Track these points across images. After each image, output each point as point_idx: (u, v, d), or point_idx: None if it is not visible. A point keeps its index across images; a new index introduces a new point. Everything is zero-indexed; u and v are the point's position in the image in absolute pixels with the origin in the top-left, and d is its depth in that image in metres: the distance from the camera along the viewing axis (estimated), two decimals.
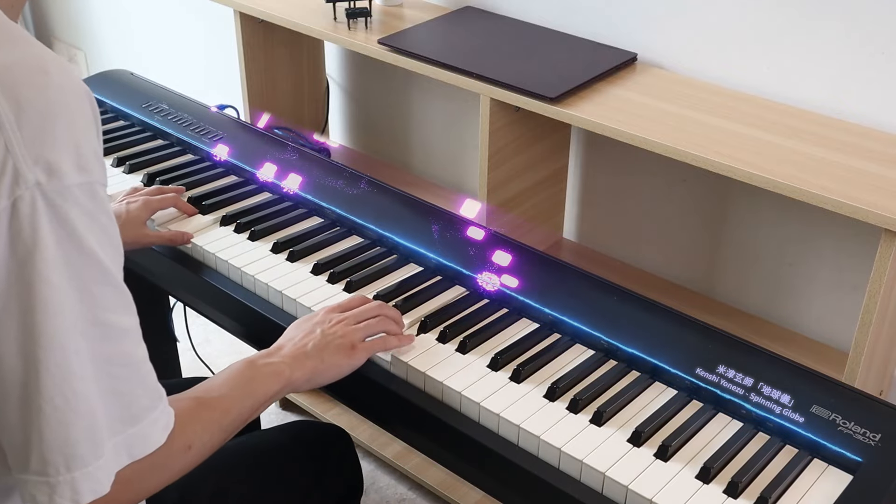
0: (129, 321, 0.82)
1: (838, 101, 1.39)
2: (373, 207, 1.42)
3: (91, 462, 0.79)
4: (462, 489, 1.93)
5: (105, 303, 0.78)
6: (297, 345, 1.12)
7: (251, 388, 1.03)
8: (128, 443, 0.82)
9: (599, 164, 1.72)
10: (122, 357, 0.81)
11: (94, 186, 0.77)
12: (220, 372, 1.06)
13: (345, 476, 1.36)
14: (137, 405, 0.82)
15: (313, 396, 2.18)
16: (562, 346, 1.19)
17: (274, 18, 1.75)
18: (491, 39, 1.62)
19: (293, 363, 1.09)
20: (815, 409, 1.04)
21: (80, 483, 0.79)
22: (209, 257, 1.36)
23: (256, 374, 1.05)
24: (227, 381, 1.02)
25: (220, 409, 0.98)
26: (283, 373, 1.07)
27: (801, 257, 1.52)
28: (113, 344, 0.80)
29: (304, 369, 1.09)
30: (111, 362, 0.80)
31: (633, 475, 0.99)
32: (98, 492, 0.80)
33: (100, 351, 0.79)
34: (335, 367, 1.11)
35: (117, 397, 0.81)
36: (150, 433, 0.84)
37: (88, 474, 0.79)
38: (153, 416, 0.84)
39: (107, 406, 0.80)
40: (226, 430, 0.99)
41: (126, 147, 1.66)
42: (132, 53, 2.86)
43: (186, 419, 0.93)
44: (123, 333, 0.81)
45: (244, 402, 1.01)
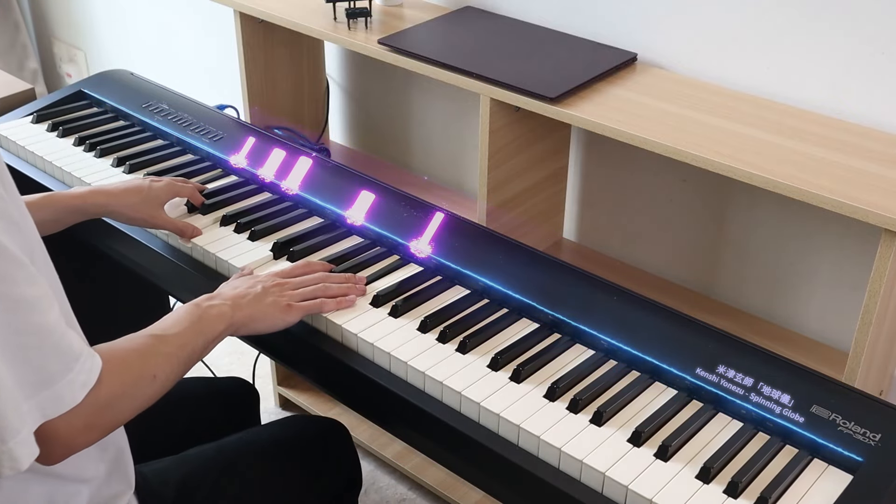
0: (32, 291, 0.84)
1: (838, 101, 1.39)
2: (372, 207, 1.42)
3: (21, 429, 0.83)
4: (462, 489, 1.93)
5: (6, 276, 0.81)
6: (238, 292, 1.18)
7: (201, 327, 1.09)
8: (41, 405, 0.86)
9: (599, 164, 1.72)
10: (29, 326, 0.83)
11: None
12: (168, 314, 1.11)
13: (343, 470, 1.37)
14: (48, 370, 0.85)
15: (313, 396, 2.18)
16: (562, 346, 1.19)
17: (274, 18, 1.75)
18: (491, 39, 1.62)
19: (236, 306, 1.15)
20: (815, 409, 1.04)
21: (15, 451, 0.83)
22: (209, 257, 1.36)
23: (204, 314, 1.11)
24: (179, 321, 1.09)
25: (177, 344, 1.05)
26: (225, 314, 1.13)
27: (801, 257, 1.52)
28: (17, 315, 0.82)
29: (243, 313, 1.15)
30: (18, 332, 0.82)
31: (633, 475, 0.99)
32: (33, 454, 0.85)
33: (6, 322, 0.81)
34: (270, 318, 1.17)
35: (27, 364, 0.84)
36: (65, 394, 0.87)
37: (22, 440, 0.83)
38: (68, 377, 0.87)
39: (17, 374, 0.83)
40: (184, 364, 1.05)
41: (126, 147, 1.66)
42: (132, 53, 2.86)
43: (149, 352, 1.00)
44: (27, 304, 0.83)
45: (197, 339, 1.08)
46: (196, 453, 1.26)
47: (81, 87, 1.85)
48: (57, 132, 1.71)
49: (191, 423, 1.41)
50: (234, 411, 1.49)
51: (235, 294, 1.17)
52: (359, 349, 1.20)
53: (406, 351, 1.17)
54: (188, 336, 1.07)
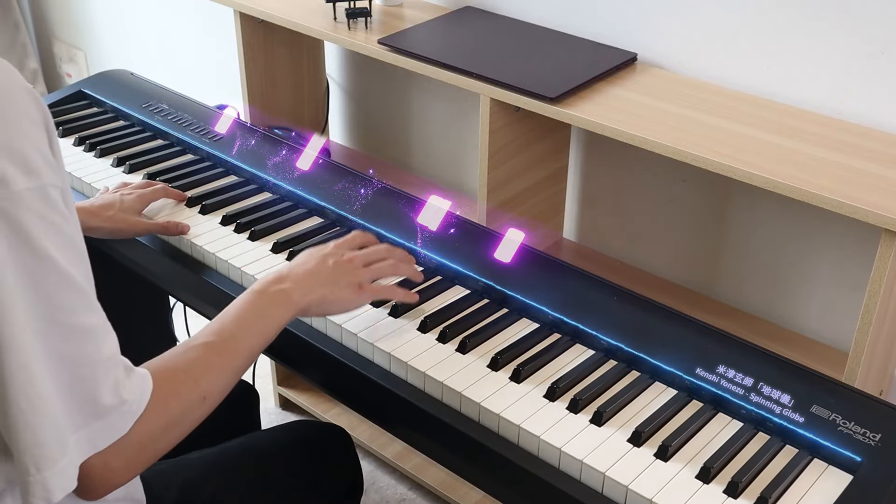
0: (91, 320, 0.82)
1: (838, 101, 1.39)
2: (372, 207, 1.42)
3: (59, 460, 0.80)
4: (462, 489, 1.93)
5: (64, 305, 0.78)
6: (310, 270, 1.13)
7: (263, 323, 1.04)
8: (90, 436, 0.83)
9: (599, 164, 1.72)
10: (84, 357, 0.81)
11: (46, 190, 0.76)
12: (230, 305, 1.06)
13: (345, 476, 1.37)
14: (100, 403, 0.83)
15: (313, 396, 2.18)
16: (562, 346, 1.19)
17: (274, 18, 1.75)
18: (491, 39, 1.62)
19: (304, 289, 1.10)
20: (815, 409, 1.04)
21: (50, 482, 0.80)
22: (209, 257, 1.37)
23: (266, 303, 1.06)
24: (237, 318, 1.03)
25: (232, 352, 0.99)
26: (292, 299, 1.08)
27: (801, 257, 1.52)
28: (74, 344, 0.80)
29: (314, 295, 1.11)
30: (73, 362, 0.80)
31: (633, 475, 0.99)
32: (67, 488, 0.82)
33: (61, 352, 0.79)
34: (342, 301, 1.14)
35: (80, 395, 0.81)
36: (114, 425, 0.85)
37: (58, 472, 0.80)
38: (119, 410, 0.84)
39: (68, 404, 0.80)
40: (238, 371, 1.01)
41: (126, 147, 1.66)
42: (132, 53, 2.86)
43: (199, 370, 0.95)
44: (85, 334, 0.81)
45: (256, 340, 1.03)
46: (198, 457, 1.26)
47: (81, 87, 1.85)
48: (57, 132, 1.70)
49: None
50: (233, 412, 1.49)
51: (306, 272, 1.12)
52: (359, 349, 1.20)
53: (406, 351, 1.17)
54: (245, 339, 1.01)
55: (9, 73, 0.77)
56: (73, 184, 1.58)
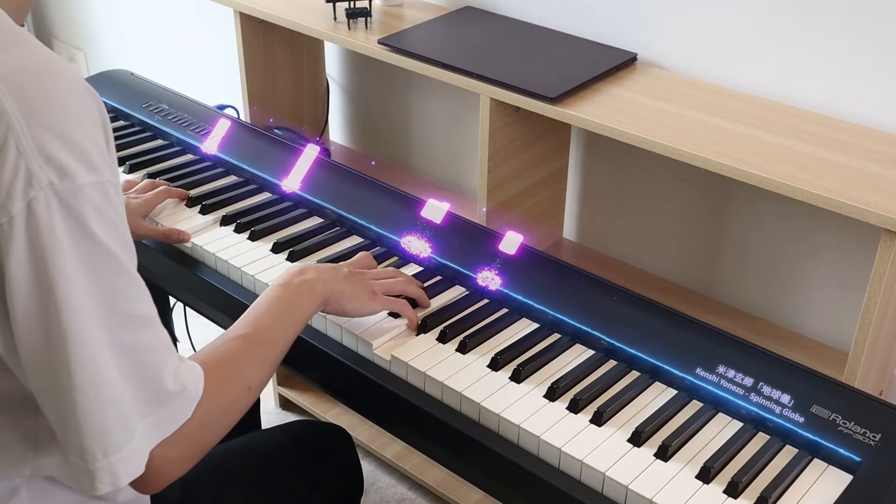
0: (147, 308, 0.84)
1: (838, 101, 1.39)
2: (373, 207, 1.42)
3: (125, 446, 0.82)
4: (462, 489, 1.93)
5: (123, 293, 0.81)
6: (329, 267, 1.16)
7: (293, 314, 1.07)
8: (157, 423, 0.85)
9: (599, 164, 1.72)
10: (145, 344, 0.83)
11: (105, 186, 0.79)
12: (258, 300, 1.08)
13: (345, 476, 1.37)
14: (164, 389, 0.85)
15: (313, 396, 2.18)
16: (562, 346, 1.19)
17: (274, 18, 1.75)
18: (491, 39, 1.62)
19: (328, 281, 1.13)
20: (815, 409, 1.04)
21: (117, 467, 0.82)
22: (209, 257, 1.37)
23: (293, 296, 1.08)
24: (269, 310, 1.05)
25: (270, 343, 1.02)
26: (316, 290, 1.11)
27: (801, 257, 1.52)
28: (135, 332, 0.82)
29: (335, 287, 1.13)
30: (135, 349, 0.82)
31: (633, 475, 0.99)
32: (133, 473, 0.83)
33: (124, 340, 0.81)
34: (358, 300, 1.16)
35: (144, 382, 0.83)
36: (178, 411, 0.87)
37: (124, 458, 0.82)
38: (182, 396, 0.87)
39: (134, 391, 0.82)
40: (275, 363, 1.03)
41: (126, 147, 1.66)
42: (132, 53, 2.86)
43: (242, 362, 0.97)
44: (144, 321, 0.83)
45: (289, 331, 1.05)
46: None
47: None
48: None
49: None
50: None
51: (327, 268, 1.15)
52: (359, 349, 1.20)
53: (406, 351, 1.17)
54: (280, 331, 1.04)
55: (73, 73, 0.79)
56: None
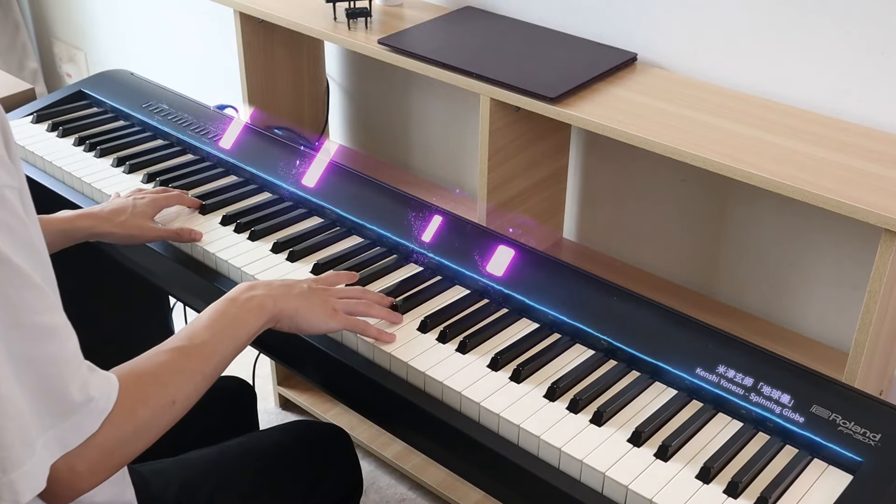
0: (53, 319, 0.81)
1: (838, 101, 1.39)
2: (373, 207, 1.42)
3: (26, 461, 0.79)
4: (462, 489, 1.93)
5: (24, 304, 0.77)
6: (284, 284, 1.13)
7: (234, 329, 1.03)
8: (60, 436, 0.82)
9: (599, 164, 1.72)
10: (49, 356, 0.80)
11: (2, 191, 0.76)
12: (201, 313, 1.04)
13: (345, 476, 1.37)
14: (69, 400, 0.82)
15: (313, 396, 2.18)
16: (562, 346, 1.19)
17: (274, 18, 1.75)
18: (491, 39, 1.62)
19: (276, 297, 1.09)
20: (815, 409, 1.04)
21: (18, 484, 0.79)
22: (209, 257, 1.37)
23: (239, 311, 1.05)
24: (209, 325, 1.02)
25: (202, 357, 0.98)
26: (265, 305, 1.07)
27: (801, 257, 1.52)
28: (37, 344, 0.79)
29: (286, 305, 1.09)
30: (38, 361, 0.79)
31: (633, 475, 0.99)
32: (36, 488, 0.80)
33: (24, 352, 0.78)
34: (314, 317, 1.12)
35: (47, 395, 0.80)
36: (83, 423, 0.84)
37: (25, 473, 0.79)
38: (87, 407, 0.83)
39: (36, 404, 0.79)
40: (209, 377, 0.99)
41: (126, 147, 1.66)
42: (132, 53, 2.86)
43: (169, 373, 0.94)
44: (48, 333, 0.80)
45: (227, 345, 1.01)
46: (197, 457, 1.26)
47: (81, 87, 1.85)
48: (57, 132, 1.71)
49: (187, 422, 1.41)
50: (231, 411, 1.49)
51: (280, 285, 1.12)
52: (358, 349, 1.20)
53: (406, 351, 1.17)
54: (217, 345, 1.00)
55: None
56: (73, 184, 1.58)
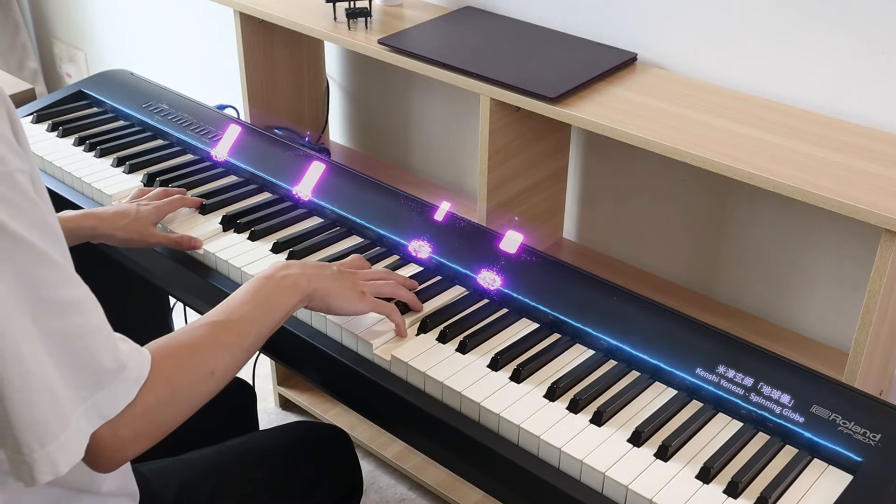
0: (74, 292, 0.82)
1: (838, 101, 1.39)
2: (373, 207, 1.42)
3: (61, 434, 0.81)
4: (462, 489, 1.93)
5: (45, 280, 0.79)
6: (316, 264, 1.15)
7: (270, 306, 1.05)
8: (98, 405, 0.84)
9: (599, 164, 1.72)
10: (75, 328, 0.82)
11: (13, 175, 0.78)
12: (237, 290, 1.07)
13: (345, 477, 1.37)
14: (101, 370, 0.83)
15: (313, 396, 2.18)
16: (562, 346, 1.19)
17: (274, 18, 1.75)
18: (491, 39, 1.62)
19: (312, 277, 1.12)
20: (815, 409, 1.04)
21: (55, 455, 0.81)
22: (209, 257, 1.37)
23: (274, 289, 1.07)
24: (246, 301, 1.04)
25: (240, 332, 1.01)
26: (300, 284, 1.10)
27: (801, 257, 1.52)
28: (63, 317, 0.81)
29: (319, 284, 1.12)
30: (65, 335, 0.81)
31: (633, 475, 0.99)
32: (73, 460, 0.82)
33: (51, 327, 0.79)
34: (345, 298, 1.15)
35: (78, 367, 0.82)
36: (119, 393, 0.85)
37: (61, 446, 0.81)
38: (121, 376, 0.85)
39: (68, 377, 0.81)
40: (247, 351, 1.01)
41: (126, 147, 1.66)
42: (132, 53, 2.86)
43: (206, 346, 0.96)
44: (71, 306, 0.81)
45: (263, 322, 1.04)
46: (197, 456, 1.26)
47: (81, 87, 1.85)
48: (57, 132, 1.71)
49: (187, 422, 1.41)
50: (231, 411, 1.49)
51: (313, 265, 1.14)
52: (359, 349, 1.20)
53: (406, 351, 1.17)
54: (253, 320, 1.02)
55: None
56: (73, 184, 1.58)
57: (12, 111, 0.82)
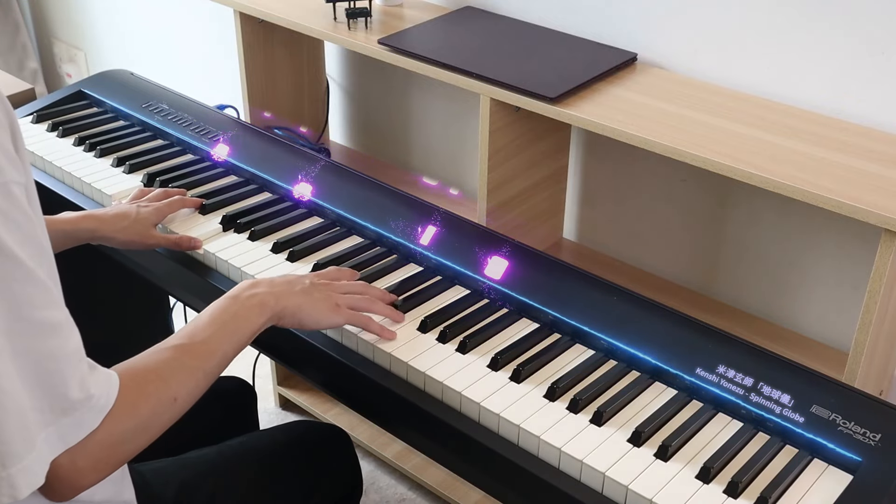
0: (55, 315, 0.81)
1: (838, 101, 1.39)
2: (373, 207, 1.42)
3: (25, 456, 0.79)
4: (462, 489, 1.93)
5: (27, 300, 0.78)
6: (286, 280, 1.13)
7: (235, 326, 1.03)
8: (61, 432, 0.82)
9: (599, 164, 1.72)
10: (51, 352, 0.80)
11: (9, 187, 0.77)
12: (203, 311, 1.05)
13: (345, 477, 1.37)
14: (69, 397, 0.82)
15: (313, 396, 2.18)
16: (562, 346, 1.19)
17: (274, 18, 1.75)
18: (491, 39, 1.62)
19: (278, 295, 1.09)
20: (815, 409, 1.04)
21: (16, 478, 0.79)
22: (209, 257, 1.37)
23: (240, 309, 1.05)
24: (211, 322, 1.02)
25: (204, 354, 0.98)
26: (267, 303, 1.08)
27: (801, 257, 1.52)
28: (39, 339, 0.79)
29: (289, 302, 1.10)
30: (40, 357, 0.79)
31: (633, 475, 0.99)
32: (34, 484, 0.80)
33: (26, 347, 0.78)
34: (317, 313, 1.13)
35: (48, 390, 0.80)
36: (84, 421, 0.84)
37: (24, 468, 0.79)
38: (88, 404, 0.83)
39: (36, 400, 0.79)
40: (211, 374, 0.99)
41: (126, 147, 1.66)
42: (132, 53, 2.86)
43: (170, 371, 0.94)
44: (50, 329, 0.80)
45: (230, 343, 1.02)
46: (197, 456, 1.26)
47: (81, 87, 1.85)
48: (57, 132, 1.71)
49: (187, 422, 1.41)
50: (231, 411, 1.49)
51: (282, 282, 1.12)
52: (359, 349, 1.20)
53: (406, 351, 1.17)
54: (218, 342, 1.00)
55: None
56: (73, 184, 1.58)
57: (14, 121, 0.81)
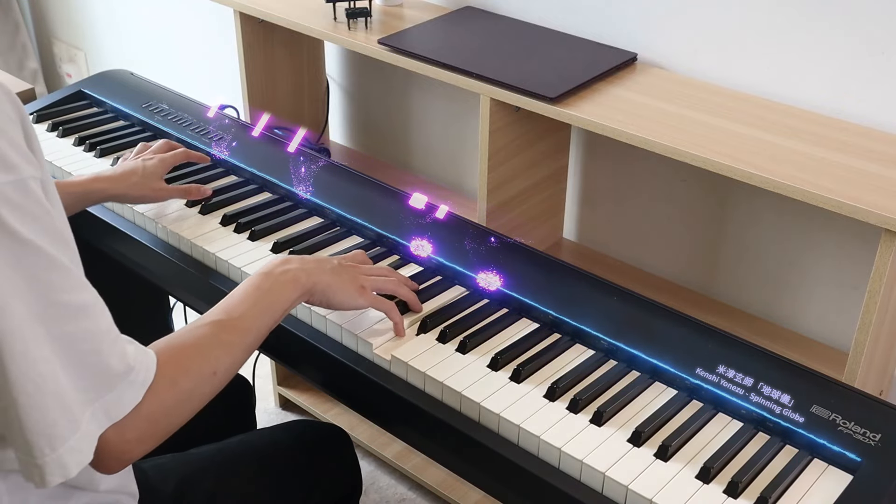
0: (83, 297, 0.83)
1: (838, 101, 1.39)
2: (373, 207, 1.42)
3: (71, 436, 0.82)
4: (462, 489, 1.93)
5: (54, 285, 0.80)
6: (316, 259, 1.16)
7: (269, 302, 1.06)
8: (105, 408, 0.85)
9: (599, 164, 1.72)
10: (84, 332, 0.83)
11: (26, 182, 0.79)
12: (237, 288, 1.07)
13: (344, 476, 1.37)
14: (109, 373, 0.84)
15: (313, 396, 2.18)
16: (562, 346, 1.19)
17: (274, 18, 1.75)
18: (491, 39, 1.62)
19: (312, 271, 1.12)
20: (815, 409, 1.04)
21: (65, 458, 0.82)
22: (209, 257, 1.37)
23: (273, 284, 1.08)
24: (245, 298, 1.05)
25: (241, 330, 1.01)
26: (299, 279, 1.10)
27: (801, 257, 1.52)
28: (72, 322, 0.82)
29: (319, 279, 1.12)
30: (74, 338, 0.82)
31: (633, 475, 0.99)
32: (83, 462, 0.83)
33: (61, 331, 0.81)
34: (344, 293, 1.15)
35: (86, 370, 0.83)
36: (126, 396, 0.86)
37: (71, 448, 0.82)
38: (128, 379, 0.86)
39: (77, 380, 0.82)
40: (248, 349, 1.02)
41: (126, 147, 1.66)
42: (132, 53, 2.86)
43: (208, 346, 0.97)
44: (80, 310, 0.82)
45: (263, 318, 1.04)
46: (196, 453, 1.26)
47: (81, 87, 1.85)
48: (57, 132, 1.71)
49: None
50: (231, 409, 1.49)
51: (312, 259, 1.14)
52: (359, 349, 1.20)
53: (406, 351, 1.17)
54: (254, 318, 1.03)
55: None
56: None
57: (25, 117, 0.83)
